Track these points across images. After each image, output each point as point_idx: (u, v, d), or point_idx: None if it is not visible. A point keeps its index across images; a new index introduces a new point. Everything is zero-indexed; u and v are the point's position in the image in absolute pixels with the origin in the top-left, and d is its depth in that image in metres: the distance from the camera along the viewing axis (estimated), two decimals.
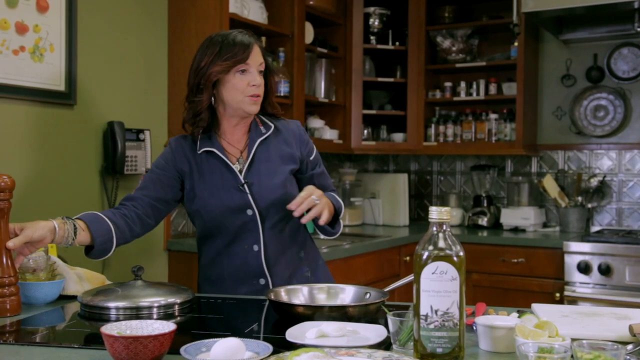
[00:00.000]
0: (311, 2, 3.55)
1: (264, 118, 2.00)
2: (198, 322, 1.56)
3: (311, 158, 2.05)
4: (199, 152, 1.93)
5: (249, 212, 1.89)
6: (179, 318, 1.56)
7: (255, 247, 1.91)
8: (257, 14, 3.23)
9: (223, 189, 1.90)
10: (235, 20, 3.02)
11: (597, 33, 3.78)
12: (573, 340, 1.12)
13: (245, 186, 1.90)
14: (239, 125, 1.95)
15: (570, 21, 3.81)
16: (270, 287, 1.90)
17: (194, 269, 3.02)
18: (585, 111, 3.91)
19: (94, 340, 1.33)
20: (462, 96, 4.02)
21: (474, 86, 4.00)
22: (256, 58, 1.87)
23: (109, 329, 1.18)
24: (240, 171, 1.92)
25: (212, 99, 1.89)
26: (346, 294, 1.66)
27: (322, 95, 3.82)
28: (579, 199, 3.81)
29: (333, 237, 2.14)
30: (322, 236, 2.10)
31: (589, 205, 3.81)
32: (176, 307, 1.59)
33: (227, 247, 1.93)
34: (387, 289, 1.64)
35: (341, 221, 2.09)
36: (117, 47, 2.85)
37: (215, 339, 1.17)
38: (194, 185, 1.92)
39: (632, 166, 3.83)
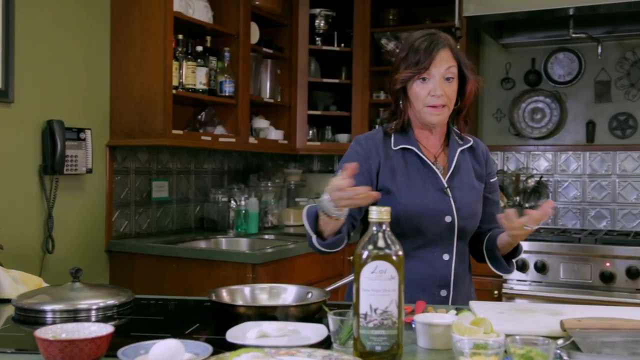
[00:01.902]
0: (257, 3, 3.54)
1: (458, 132, 1.92)
2: (138, 324, 1.54)
3: (491, 180, 1.97)
4: (395, 149, 1.84)
5: (448, 218, 1.81)
6: (117, 320, 1.53)
7: (446, 257, 1.83)
8: (202, 13, 3.21)
9: (424, 189, 1.81)
10: (179, 19, 2.99)
11: (535, 38, 3.90)
12: (507, 336, 1.15)
13: (449, 190, 1.82)
14: (432, 132, 1.87)
15: (509, 26, 3.92)
16: (451, 300, 1.82)
17: (137, 270, 2.99)
18: (524, 113, 4.03)
19: (29, 344, 1.30)
20: None
21: None
22: (441, 64, 1.77)
23: (43, 332, 1.16)
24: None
25: (402, 103, 1.83)
26: (288, 294, 1.66)
27: (268, 95, 3.81)
28: (517, 198, 3.92)
29: (504, 274, 1.99)
30: (492, 268, 1.93)
31: (527, 205, 3.92)
32: (115, 309, 1.56)
33: (415, 250, 1.80)
34: (328, 289, 1.66)
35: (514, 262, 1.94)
36: (57, 44, 2.78)
37: (154, 341, 1.16)
38: (388, 181, 1.81)
39: (567, 167, 3.96)
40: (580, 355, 1.23)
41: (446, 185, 1.82)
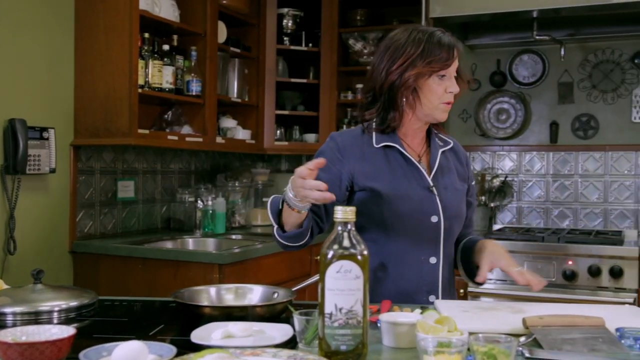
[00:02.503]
0: (224, 2, 3.52)
1: (438, 132, 1.90)
2: (101, 326, 1.52)
3: (472, 184, 1.95)
4: (377, 146, 1.78)
5: (434, 218, 1.76)
6: (80, 322, 1.51)
7: (433, 260, 1.77)
8: (168, 11, 3.18)
9: (410, 187, 1.75)
10: (145, 17, 2.96)
11: (500, 40, 3.96)
12: (471, 334, 1.17)
13: (434, 189, 1.78)
14: (420, 130, 1.83)
15: (475, 27, 3.96)
16: None
17: (101, 271, 2.95)
18: (489, 114, 4.08)
19: None
20: None
21: None
22: (455, 63, 1.75)
23: (2, 335, 1.13)
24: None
25: (406, 100, 1.75)
26: (254, 294, 1.66)
27: (235, 95, 3.80)
28: (483, 198, 3.97)
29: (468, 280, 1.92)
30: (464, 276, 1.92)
31: (492, 205, 3.97)
32: (78, 311, 1.54)
33: (400, 255, 1.76)
34: (294, 289, 1.66)
35: None
36: (19, 42, 2.73)
37: (117, 343, 1.14)
38: (369, 181, 1.75)
39: (531, 167, 4.02)
40: (542, 352, 1.25)
41: (432, 184, 1.78)
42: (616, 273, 3.15)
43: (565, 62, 3.86)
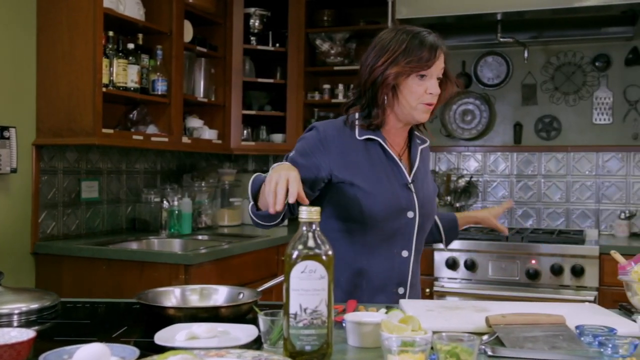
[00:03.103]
0: (190, 1, 3.50)
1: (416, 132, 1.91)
2: (62, 329, 1.49)
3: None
4: (360, 139, 1.78)
5: (410, 214, 1.79)
6: (41, 325, 1.48)
7: (405, 253, 1.81)
8: (133, 9, 3.14)
9: (389, 183, 1.78)
10: (109, 15, 2.92)
11: (466, 41, 4.00)
12: (434, 333, 1.18)
13: (412, 186, 1.81)
14: (403, 129, 1.85)
15: (441, 29, 3.89)
16: (407, 297, 1.82)
17: (65, 273, 2.91)
18: (455, 115, 4.13)
19: None
20: (340, 98, 4.10)
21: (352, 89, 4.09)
22: (439, 64, 1.75)
23: None
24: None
25: (386, 97, 1.76)
26: (219, 295, 1.65)
27: (201, 94, 3.77)
28: (448, 198, 4.01)
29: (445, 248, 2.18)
30: (440, 245, 2.16)
31: (457, 205, 4.02)
32: (39, 314, 1.51)
33: (375, 247, 1.78)
34: (260, 289, 1.65)
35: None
36: None
37: (79, 345, 1.13)
38: (349, 174, 1.76)
39: (496, 167, 4.08)
40: (504, 350, 1.27)
41: (410, 181, 1.81)
42: (578, 272, 3.21)
43: (529, 64, 3.92)
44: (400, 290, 1.82)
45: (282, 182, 1.46)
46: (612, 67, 3.86)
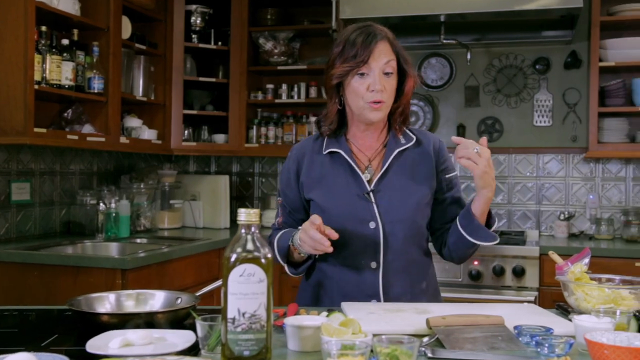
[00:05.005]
0: None
1: (407, 129, 1.83)
2: None
3: (446, 176, 1.84)
4: (324, 153, 1.80)
5: (372, 224, 1.74)
6: None
7: (373, 264, 1.75)
8: (67, 4, 3.03)
9: (347, 194, 1.75)
10: (42, 9, 2.82)
11: (410, 42, 4.02)
12: (375, 335, 1.16)
13: (371, 195, 1.74)
14: (369, 131, 1.79)
15: None
16: None
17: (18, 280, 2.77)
18: None
19: None
20: (284, 98, 4.07)
21: (295, 89, 4.07)
22: (380, 58, 1.68)
23: None
24: (370, 181, 1.76)
25: (340, 101, 1.77)
26: (156, 300, 1.60)
27: (140, 93, 3.67)
28: None
29: (487, 244, 1.86)
30: (472, 240, 1.81)
31: None
32: None
33: (341, 260, 1.76)
34: (198, 293, 1.61)
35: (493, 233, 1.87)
36: None
37: (4, 356, 1.07)
38: (310, 190, 1.80)
39: None
40: (444, 351, 1.27)
41: (369, 190, 1.75)
42: (519, 272, 3.26)
43: (472, 66, 3.97)
44: (373, 302, 1.75)
45: (315, 232, 1.58)
46: (552, 70, 3.95)
